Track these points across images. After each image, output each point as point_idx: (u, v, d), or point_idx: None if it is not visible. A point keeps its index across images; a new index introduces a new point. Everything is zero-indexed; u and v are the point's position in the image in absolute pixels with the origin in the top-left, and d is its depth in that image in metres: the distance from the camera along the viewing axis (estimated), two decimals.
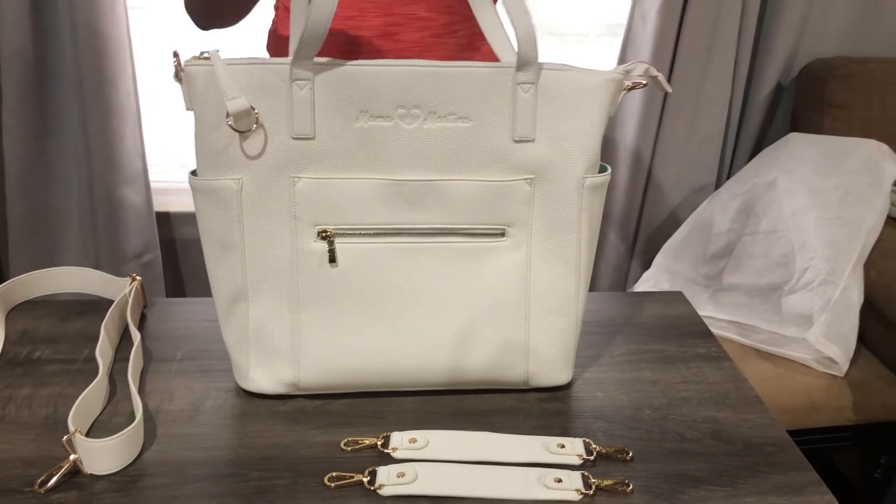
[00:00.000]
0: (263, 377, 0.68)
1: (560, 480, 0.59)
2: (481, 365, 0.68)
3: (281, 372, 0.67)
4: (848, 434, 1.38)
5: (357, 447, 0.63)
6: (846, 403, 1.33)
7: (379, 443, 0.63)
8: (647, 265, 1.73)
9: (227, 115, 0.60)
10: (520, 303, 0.67)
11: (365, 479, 0.59)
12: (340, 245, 0.64)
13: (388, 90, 0.61)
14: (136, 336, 0.74)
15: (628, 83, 0.64)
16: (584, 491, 0.58)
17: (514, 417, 0.67)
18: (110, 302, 0.79)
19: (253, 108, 0.60)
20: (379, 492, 0.58)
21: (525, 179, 0.64)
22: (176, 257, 1.94)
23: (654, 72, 0.64)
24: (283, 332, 0.66)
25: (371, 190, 0.63)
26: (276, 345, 0.67)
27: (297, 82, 0.60)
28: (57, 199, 1.76)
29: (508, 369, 0.69)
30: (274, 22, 1.03)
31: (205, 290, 1.99)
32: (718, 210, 1.60)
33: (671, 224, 1.89)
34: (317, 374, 0.67)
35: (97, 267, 1.79)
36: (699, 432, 0.66)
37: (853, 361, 1.35)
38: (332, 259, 0.64)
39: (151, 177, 1.78)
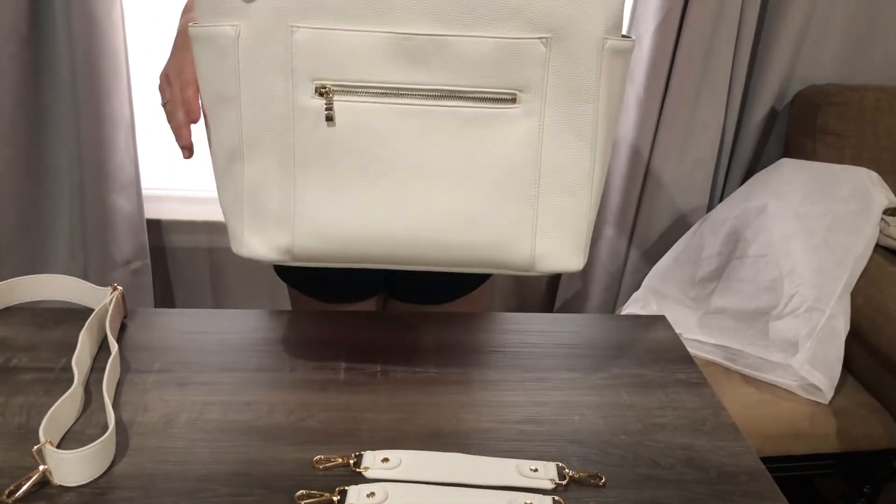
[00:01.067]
0: (258, 242, 0.65)
1: None
2: (486, 241, 0.64)
3: (275, 236, 0.64)
4: (832, 462, 1.37)
5: (329, 465, 0.62)
6: (830, 431, 1.32)
7: (351, 461, 0.62)
8: (637, 286, 1.73)
9: None
10: (529, 177, 0.62)
11: (335, 499, 0.58)
12: (339, 104, 0.60)
13: None
14: (113, 346, 0.73)
15: None
16: None
17: (489, 439, 0.67)
18: (91, 311, 0.79)
19: None
20: None
21: (540, 39, 0.59)
22: (166, 265, 1.94)
23: None
24: (278, 194, 0.63)
25: (374, 44, 0.59)
26: (271, 207, 0.63)
27: None
28: (48, 205, 1.76)
29: (514, 248, 0.64)
30: None
31: (194, 299, 1.99)
32: (709, 233, 1.60)
33: (662, 245, 1.89)
34: (311, 240, 0.64)
35: (86, 272, 1.79)
36: (673, 459, 0.66)
37: (838, 389, 1.35)
38: (330, 118, 0.60)
39: (144, 184, 1.78)
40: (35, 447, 0.58)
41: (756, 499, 0.62)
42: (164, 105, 0.73)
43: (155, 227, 1.88)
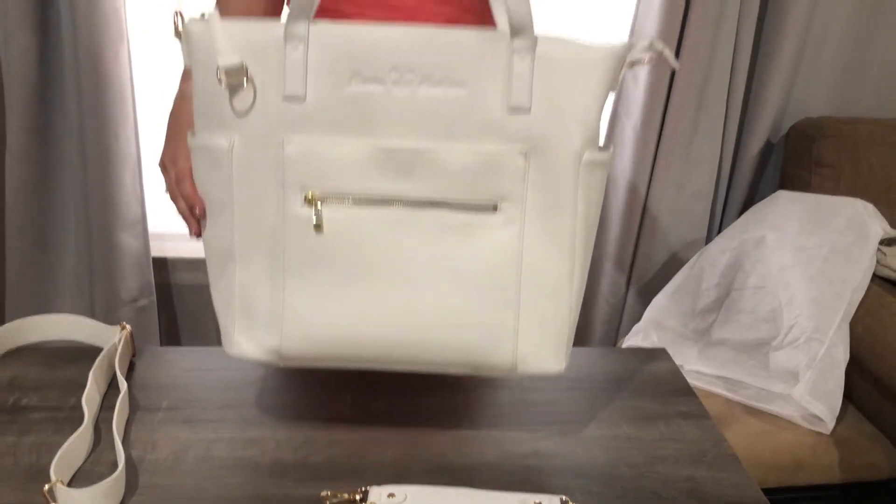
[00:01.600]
0: (248, 343, 0.66)
1: None
2: (469, 343, 0.65)
3: (264, 338, 0.66)
4: (835, 493, 1.37)
5: (336, 501, 0.63)
6: (832, 461, 1.33)
7: (358, 497, 0.63)
8: (637, 318, 1.74)
9: (218, 71, 0.60)
10: (510, 283, 0.64)
11: None
12: (327, 212, 0.62)
13: (382, 52, 0.60)
14: (122, 385, 0.74)
15: (631, 58, 0.62)
16: None
17: (494, 473, 0.68)
18: (100, 350, 0.80)
19: (245, 66, 0.60)
20: None
21: (519, 151, 0.62)
22: (171, 303, 1.95)
23: (661, 45, 0.62)
24: (267, 298, 0.65)
25: (361, 156, 0.62)
26: (260, 310, 0.65)
27: (291, 42, 0.60)
28: (55, 242, 1.77)
29: (497, 351, 0.65)
30: None
31: (198, 336, 1.99)
32: (708, 265, 1.62)
33: (662, 277, 1.90)
34: (299, 343, 0.65)
35: (92, 310, 1.80)
36: (675, 491, 0.67)
37: (840, 419, 1.35)
38: (318, 225, 0.62)
39: (150, 222, 1.80)
40: (46, 486, 0.59)
41: None
42: (166, 192, 0.76)
43: (161, 264, 1.89)
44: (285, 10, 0.87)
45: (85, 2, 1.54)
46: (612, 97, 1.78)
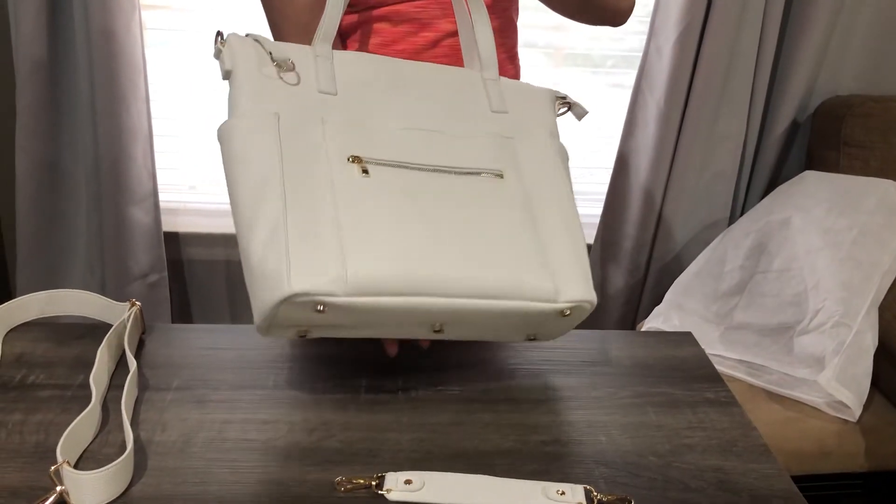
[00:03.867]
0: (307, 275, 0.61)
1: None
2: (509, 273, 0.68)
3: (327, 265, 0.61)
4: (860, 481, 1.34)
5: (350, 486, 0.61)
6: (858, 450, 1.30)
7: (373, 483, 0.61)
8: (657, 300, 1.70)
9: (271, 55, 0.70)
10: (529, 224, 0.72)
11: None
12: (370, 167, 0.69)
13: (392, 76, 0.76)
14: (132, 363, 0.72)
15: (559, 103, 0.82)
16: None
17: (514, 461, 0.66)
18: (109, 326, 0.78)
19: (291, 60, 0.71)
20: None
21: (507, 136, 0.77)
22: (183, 278, 1.94)
23: (572, 98, 0.82)
24: (326, 226, 0.63)
25: (387, 131, 0.72)
26: (321, 236, 0.63)
27: (319, 57, 0.73)
28: (66, 217, 1.76)
29: (536, 278, 0.69)
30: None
31: (210, 313, 1.98)
32: (731, 247, 1.58)
33: (683, 259, 1.87)
34: (365, 263, 0.62)
35: (103, 285, 1.79)
36: (704, 482, 0.64)
37: (866, 406, 1.32)
38: (365, 171, 0.68)
39: (161, 196, 1.78)
40: (52, 468, 0.57)
41: None
42: None
43: (172, 239, 1.88)
44: None
45: None
46: (634, 73, 1.75)
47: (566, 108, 0.82)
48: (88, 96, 1.63)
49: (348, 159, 0.68)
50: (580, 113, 0.82)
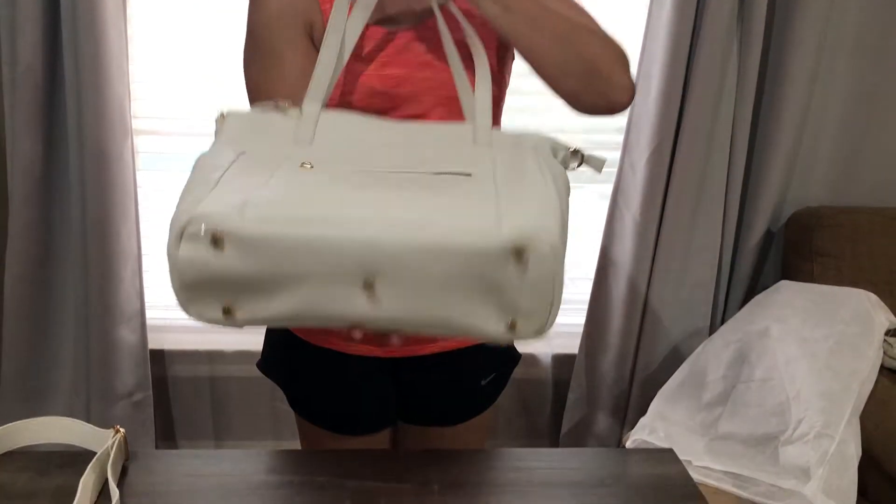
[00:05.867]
0: (203, 206, 0.59)
1: None
2: (455, 227, 0.59)
3: (228, 203, 0.59)
4: None
5: None
6: None
7: None
8: (644, 407, 1.70)
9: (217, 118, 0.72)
10: (488, 186, 0.64)
11: None
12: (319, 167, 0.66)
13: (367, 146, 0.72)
14: (114, 493, 0.72)
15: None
16: None
17: None
18: (93, 454, 0.78)
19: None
20: None
21: (485, 147, 0.72)
22: (167, 396, 1.92)
23: (583, 151, 0.72)
24: (248, 187, 0.61)
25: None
26: (238, 191, 0.61)
27: (305, 113, 0.73)
28: (53, 336, 1.76)
29: (483, 231, 0.58)
30: None
31: (195, 429, 1.96)
32: (712, 357, 1.60)
33: (667, 367, 1.88)
34: (265, 206, 0.59)
35: (88, 404, 1.77)
36: None
37: None
38: (311, 166, 0.66)
39: (148, 314, 1.79)
40: None
41: None
42: None
43: (157, 357, 1.87)
44: None
45: (91, 100, 1.57)
46: (610, 188, 1.81)
47: (578, 163, 0.71)
48: (79, 219, 1.66)
49: (301, 164, 0.66)
50: (598, 164, 0.71)
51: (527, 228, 0.58)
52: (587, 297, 1.92)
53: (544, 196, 0.63)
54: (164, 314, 1.90)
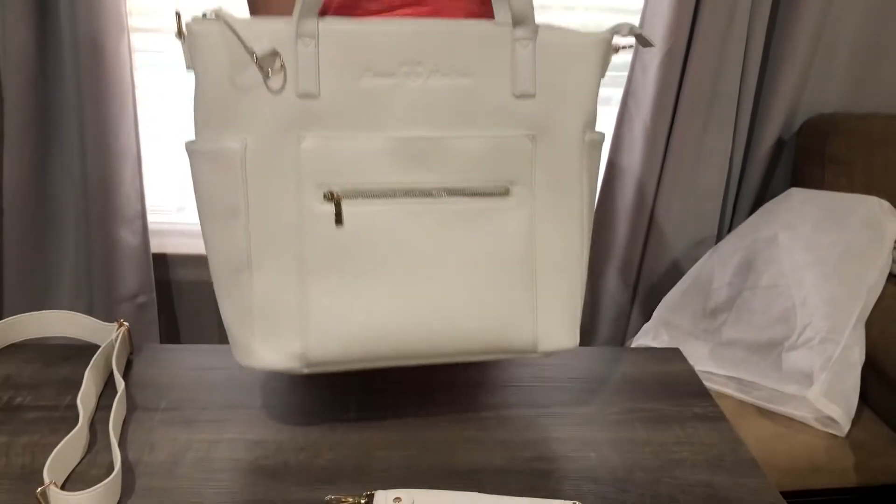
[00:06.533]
0: (269, 351, 0.64)
1: None
2: (492, 325, 0.66)
3: (288, 343, 0.64)
4: (850, 497, 1.34)
5: None
6: (848, 465, 1.30)
7: (362, 501, 0.61)
8: (647, 317, 1.71)
9: (256, 58, 0.59)
10: (526, 264, 0.66)
11: None
12: (347, 207, 0.62)
13: (391, 48, 0.61)
14: (119, 384, 0.72)
15: (617, 44, 0.66)
16: None
17: (504, 477, 0.66)
18: (97, 347, 0.78)
19: (277, 51, 0.60)
20: None
21: (527, 135, 0.65)
22: (171, 299, 1.93)
23: (637, 29, 0.66)
24: (290, 302, 0.63)
25: (376, 148, 0.63)
26: (283, 315, 0.64)
27: (303, 39, 0.60)
28: (54, 239, 1.75)
29: (518, 330, 0.67)
30: None
31: (200, 332, 1.97)
32: (719, 264, 1.59)
33: (672, 276, 1.88)
34: (324, 344, 0.64)
35: (91, 307, 1.78)
36: (693, 497, 0.64)
37: (855, 421, 1.32)
38: (339, 220, 0.62)
39: (149, 218, 1.78)
40: (39, 489, 0.56)
41: None
42: None
43: (160, 261, 1.87)
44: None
45: None
46: (621, 91, 1.76)
47: (628, 45, 0.69)
48: (76, 118, 1.63)
49: (324, 195, 0.62)
50: (646, 43, 0.69)
51: (558, 347, 0.69)
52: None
53: (575, 276, 0.69)
54: (166, 218, 1.89)
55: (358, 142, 0.62)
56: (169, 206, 1.91)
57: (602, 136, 0.68)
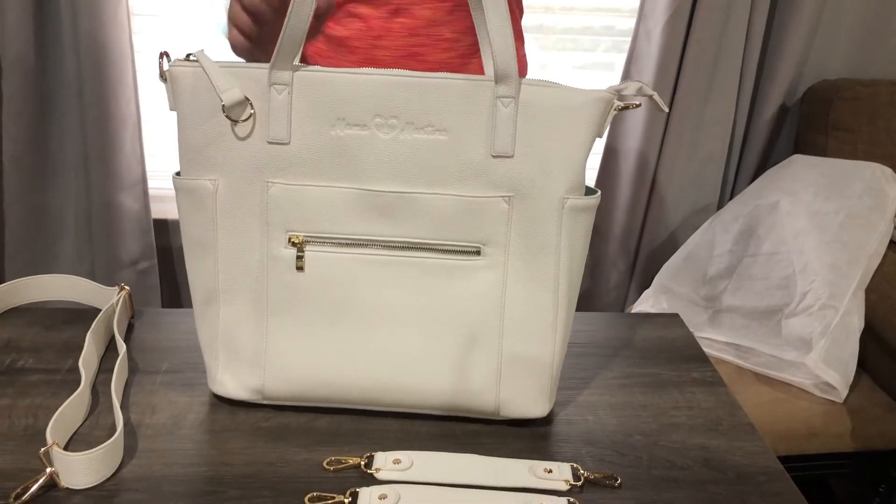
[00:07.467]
0: (231, 381, 0.67)
1: None
2: (448, 389, 0.65)
3: (247, 377, 0.67)
4: (847, 461, 1.36)
5: (339, 467, 0.61)
6: (845, 430, 1.31)
7: (362, 463, 0.61)
8: (646, 284, 1.71)
9: (223, 107, 0.60)
10: (492, 328, 0.64)
11: (346, 500, 0.57)
12: (310, 253, 0.63)
13: (366, 98, 0.60)
14: (121, 347, 0.73)
15: (620, 104, 0.61)
16: None
17: (502, 440, 0.66)
18: (98, 311, 0.78)
19: (247, 98, 0.60)
20: None
21: (503, 197, 0.62)
22: (172, 265, 1.93)
23: (649, 90, 0.62)
24: (250, 337, 0.66)
25: (344, 199, 0.62)
26: (243, 349, 0.66)
27: (276, 86, 0.60)
28: (55, 205, 1.75)
29: (478, 397, 0.66)
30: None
31: None
32: (720, 231, 1.59)
33: (672, 243, 1.88)
34: (280, 383, 0.66)
35: (93, 273, 1.78)
36: (690, 460, 0.65)
37: (853, 388, 1.33)
38: (300, 268, 0.63)
39: (150, 183, 1.77)
40: (42, 449, 0.57)
41: (776, 499, 0.61)
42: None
43: (161, 226, 1.87)
44: None
45: None
46: (625, 56, 1.75)
47: (636, 104, 0.63)
48: (76, 84, 1.62)
49: (288, 240, 0.63)
50: (659, 108, 0.66)
51: (520, 415, 0.67)
52: (594, 172, 1.89)
53: (546, 344, 0.65)
54: (166, 184, 1.89)
55: (325, 190, 0.62)
56: (169, 172, 1.90)
57: (594, 200, 0.63)
